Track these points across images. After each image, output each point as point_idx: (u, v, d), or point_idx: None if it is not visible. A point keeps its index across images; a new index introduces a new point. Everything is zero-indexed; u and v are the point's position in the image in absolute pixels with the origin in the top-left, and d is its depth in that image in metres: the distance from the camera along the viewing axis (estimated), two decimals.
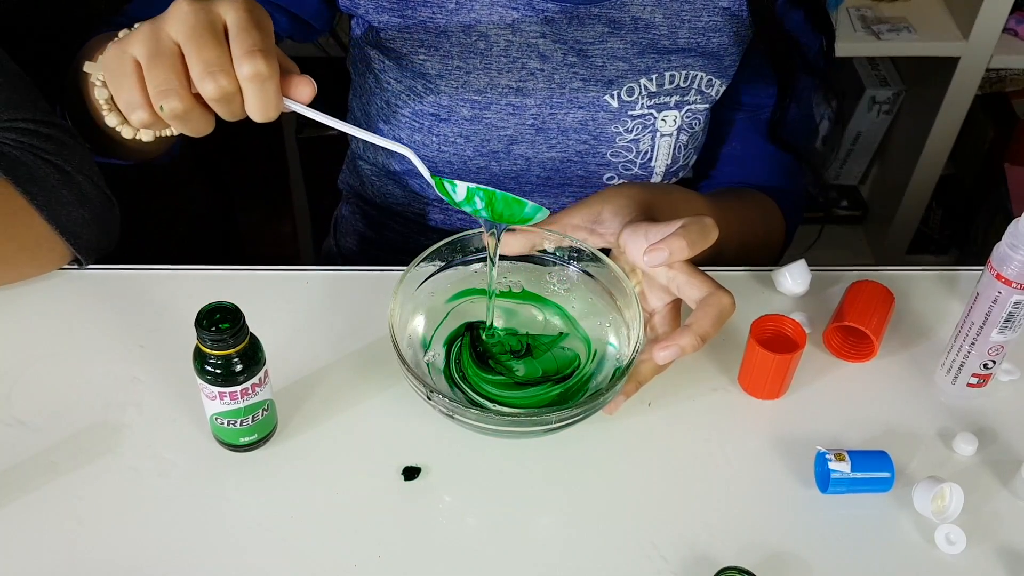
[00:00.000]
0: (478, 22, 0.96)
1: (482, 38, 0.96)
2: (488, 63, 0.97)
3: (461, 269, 0.88)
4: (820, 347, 0.90)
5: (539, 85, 0.98)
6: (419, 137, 1.00)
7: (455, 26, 0.96)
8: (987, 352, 0.83)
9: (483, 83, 0.98)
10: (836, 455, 0.78)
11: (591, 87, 0.98)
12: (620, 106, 0.99)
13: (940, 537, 0.76)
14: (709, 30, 0.99)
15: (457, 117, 0.99)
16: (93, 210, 0.89)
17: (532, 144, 1.01)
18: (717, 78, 1.01)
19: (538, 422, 0.77)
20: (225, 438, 0.80)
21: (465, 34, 0.96)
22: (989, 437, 0.84)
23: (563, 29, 0.96)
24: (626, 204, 0.85)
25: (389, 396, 0.84)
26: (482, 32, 0.96)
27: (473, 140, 1.00)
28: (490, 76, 0.97)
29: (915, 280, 0.96)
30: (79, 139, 0.91)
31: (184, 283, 0.93)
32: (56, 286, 0.92)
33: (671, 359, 0.78)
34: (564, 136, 1.01)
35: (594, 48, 0.97)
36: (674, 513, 0.78)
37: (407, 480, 0.79)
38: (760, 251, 1.08)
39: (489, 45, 0.96)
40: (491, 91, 0.98)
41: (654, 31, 0.98)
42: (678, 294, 0.81)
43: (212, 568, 0.74)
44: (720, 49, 1.00)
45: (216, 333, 0.72)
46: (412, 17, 0.96)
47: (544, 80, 0.98)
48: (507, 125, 1.00)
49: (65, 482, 0.78)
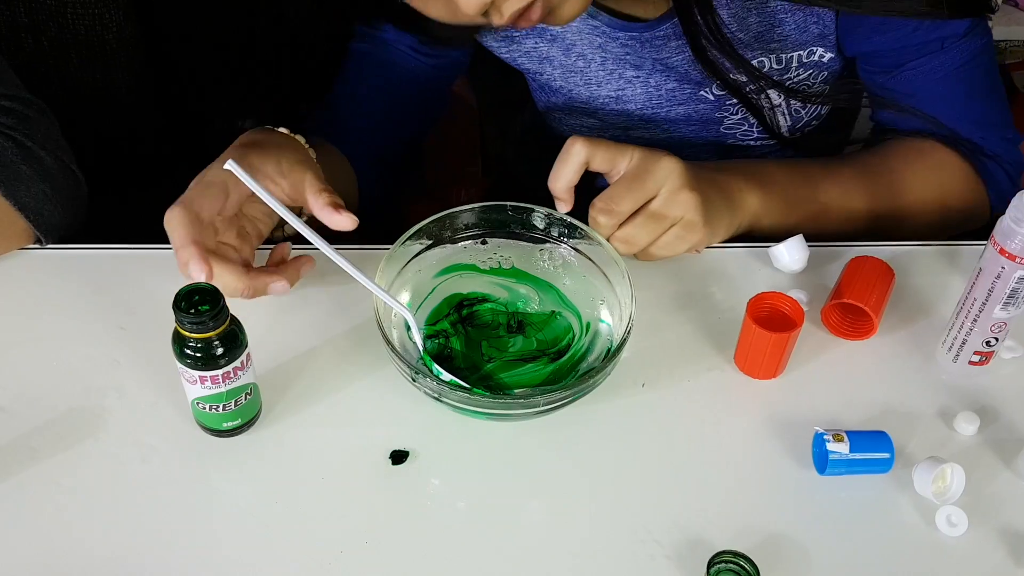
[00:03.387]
0: (573, 45, 1.00)
1: (580, 57, 1.01)
2: (588, 78, 1.03)
3: (449, 247, 0.86)
4: (818, 325, 0.88)
5: (637, 91, 1.01)
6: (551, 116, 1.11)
7: (556, 51, 1.01)
8: (989, 329, 0.81)
9: (585, 96, 1.04)
10: (834, 436, 0.77)
11: (686, 86, 1.00)
12: (716, 98, 1.00)
13: (941, 519, 0.75)
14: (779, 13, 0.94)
15: (572, 121, 1.08)
16: (56, 186, 0.87)
17: (647, 130, 1.05)
18: (819, 47, 0.96)
19: (527, 404, 0.75)
20: (208, 423, 0.78)
21: (565, 56, 1.02)
22: (991, 416, 0.82)
23: (639, 50, 0.99)
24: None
25: (376, 379, 0.83)
26: (580, 52, 1.01)
27: (590, 126, 1.07)
28: (590, 89, 1.03)
29: (915, 255, 0.94)
30: (48, 114, 0.88)
31: (161, 263, 0.91)
32: (19, 267, 0.90)
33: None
34: (674, 124, 1.04)
35: (673, 60, 0.98)
36: (668, 496, 0.77)
37: (395, 464, 0.78)
38: (925, 216, 0.97)
39: (587, 63, 1.01)
40: (594, 103, 1.04)
41: (726, 30, 0.93)
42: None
43: (195, 556, 0.73)
44: (801, 28, 0.95)
45: (195, 315, 0.71)
46: (518, 50, 1.03)
47: (641, 85, 1.01)
48: (617, 121, 1.05)
49: (45, 468, 0.77)
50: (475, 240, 0.87)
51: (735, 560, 0.70)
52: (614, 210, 0.82)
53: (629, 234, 0.83)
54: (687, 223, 0.84)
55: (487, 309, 0.86)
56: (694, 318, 0.88)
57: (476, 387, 0.79)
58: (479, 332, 0.84)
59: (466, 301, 0.86)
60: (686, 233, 0.85)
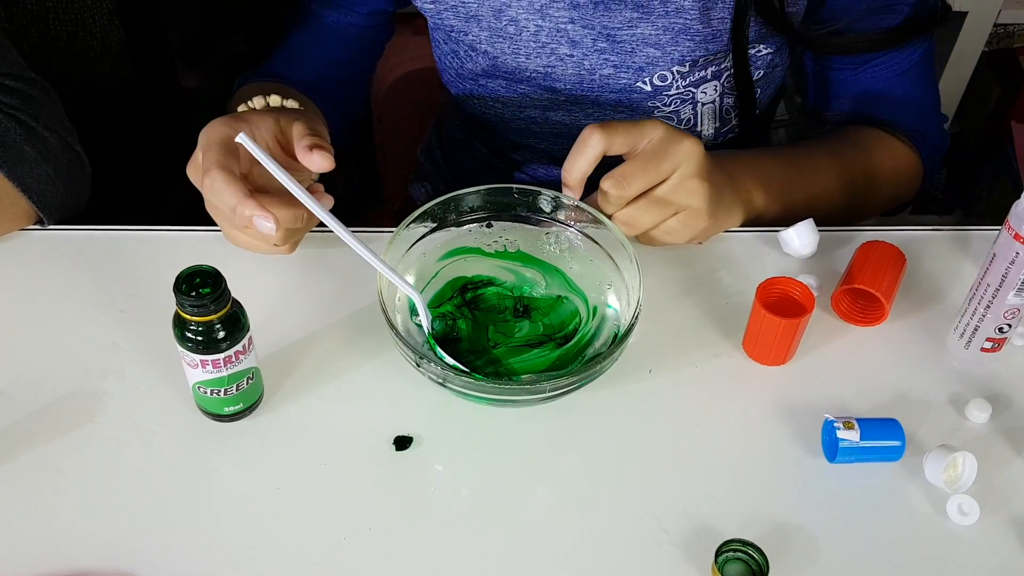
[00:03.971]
0: (508, 6, 0.95)
1: (512, 22, 0.95)
2: (516, 47, 0.97)
3: (453, 230, 0.85)
4: (828, 311, 0.87)
5: (568, 71, 0.97)
6: (467, 86, 1.04)
7: (485, 10, 0.95)
8: (1003, 315, 0.80)
9: (511, 67, 0.98)
10: (844, 423, 0.76)
11: (622, 74, 0.97)
12: (654, 89, 0.98)
13: (952, 508, 0.74)
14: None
15: (494, 85, 1.01)
16: (59, 167, 0.86)
17: (569, 113, 1.01)
18: (759, 43, 0.97)
19: (533, 390, 0.74)
20: (209, 408, 0.77)
21: (495, 18, 0.96)
22: (1003, 404, 0.82)
23: (591, 14, 0.94)
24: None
25: (379, 363, 0.82)
26: (512, 16, 0.95)
27: (510, 106, 1.02)
28: (518, 60, 0.97)
29: (927, 240, 0.93)
30: (52, 94, 0.87)
31: (162, 245, 0.90)
32: (20, 248, 0.89)
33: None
34: (600, 109, 1.00)
35: (623, 33, 0.95)
36: (675, 484, 0.76)
37: (398, 450, 0.77)
38: (872, 196, 1.02)
39: (519, 30, 0.96)
40: (520, 74, 0.98)
41: (685, 15, 0.93)
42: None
43: (195, 543, 0.72)
44: (759, 23, 0.95)
45: (196, 298, 0.69)
46: (444, 2, 0.96)
47: (574, 66, 0.97)
48: (541, 100, 1.00)
49: (44, 452, 0.76)
50: (480, 223, 0.85)
51: (743, 549, 0.70)
52: (625, 188, 0.80)
53: (632, 216, 0.82)
54: (693, 211, 0.83)
55: (493, 293, 0.84)
56: (702, 303, 0.87)
57: (482, 372, 0.78)
58: (485, 316, 0.83)
59: (470, 284, 0.84)
60: (691, 221, 0.83)
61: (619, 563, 0.72)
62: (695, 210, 0.83)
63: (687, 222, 0.83)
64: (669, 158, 0.80)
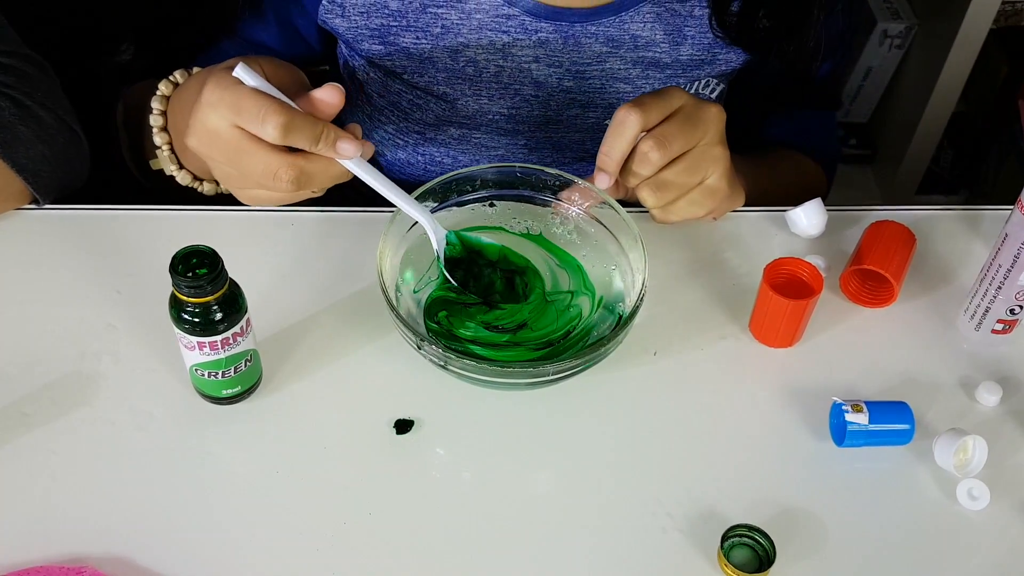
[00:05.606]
0: (466, 47, 0.89)
1: (471, 63, 0.90)
2: (478, 90, 0.92)
3: (456, 210, 0.83)
4: (837, 292, 0.86)
5: (534, 112, 0.93)
6: (403, 155, 0.96)
7: (441, 51, 0.90)
8: (1014, 296, 0.79)
9: (472, 110, 0.93)
10: (853, 406, 0.75)
11: (590, 113, 0.94)
12: None
13: (962, 492, 0.74)
14: (715, 45, 0.92)
15: (444, 137, 0.94)
16: (55, 147, 0.85)
17: (525, 160, 0.96)
18: (721, 83, 0.96)
19: (535, 374, 0.73)
20: (206, 390, 0.76)
21: (452, 60, 0.90)
22: (1014, 386, 0.81)
23: (558, 51, 0.90)
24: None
25: (380, 346, 0.81)
26: (470, 57, 0.90)
27: (461, 159, 0.96)
28: (480, 103, 0.92)
29: (936, 220, 0.92)
30: (49, 71, 0.86)
31: (159, 224, 0.89)
32: (15, 227, 0.88)
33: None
34: (559, 151, 0.97)
35: (592, 70, 0.91)
36: (680, 468, 0.75)
37: (399, 434, 0.76)
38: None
39: (478, 71, 0.90)
40: (481, 117, 0.93)
41: (655, 48, 0.91)
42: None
43: (192, 527, 0.71)
44: (726, 62, 0.94)
45: (193, 279, 0.68)
46: (395, 44, 0.90)
47: (540, 107, 0.93)
48: (498, 146, 0.95)
49: (38, 435, 0.75)
50: (483, 203, 0.84)
51: (750, 534, 0.69)
52: (667, 148, 0.77)
53: (666, 180, 0.79)
54: (716, 178, 0.81)
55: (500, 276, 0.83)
56: (708, 284, 0.86)
57: (479, 295, 0.78)
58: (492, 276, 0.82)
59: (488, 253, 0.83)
60: (712, 190, 0.81)
61: (623, 548, 0.71)
62: (717, 177, 0.81)
63: (708, 192, 0.82)
64: (703, 123, 0.79)
